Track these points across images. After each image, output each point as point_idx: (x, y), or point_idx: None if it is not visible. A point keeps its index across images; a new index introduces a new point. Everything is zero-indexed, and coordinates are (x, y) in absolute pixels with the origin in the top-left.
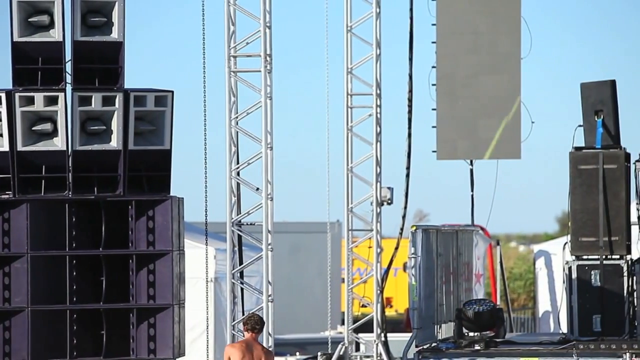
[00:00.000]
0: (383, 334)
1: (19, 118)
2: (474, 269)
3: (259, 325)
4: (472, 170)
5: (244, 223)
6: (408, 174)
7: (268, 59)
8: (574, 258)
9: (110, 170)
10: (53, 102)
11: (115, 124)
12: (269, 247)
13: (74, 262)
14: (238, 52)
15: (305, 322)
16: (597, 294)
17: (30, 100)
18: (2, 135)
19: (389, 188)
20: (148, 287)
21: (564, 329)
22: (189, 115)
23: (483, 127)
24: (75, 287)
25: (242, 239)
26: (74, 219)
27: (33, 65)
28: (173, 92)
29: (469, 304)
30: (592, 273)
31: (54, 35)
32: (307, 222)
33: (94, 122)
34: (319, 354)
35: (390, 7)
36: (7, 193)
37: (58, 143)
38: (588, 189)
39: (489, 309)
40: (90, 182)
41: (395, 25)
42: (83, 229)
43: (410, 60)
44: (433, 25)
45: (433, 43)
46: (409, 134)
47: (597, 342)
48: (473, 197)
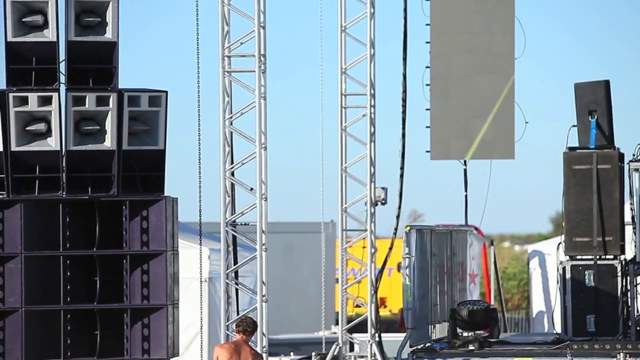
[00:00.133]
0: (377, 334)
1: (13, 118)
2: (469, 269)
3: (251, 328)
4: (465, 170)
5: (238, 223)
6: (402, 174)
7: (262, 59)
8: (568, 258)
9: (104, 171)
10: (47, 102)
11: (109, 124)
12: (263, 247)
13: (68, 262)
14: (232, 52)
15: (299, 322)
16: (591, 294)
17: (24, 101)
18: None
19: (383, 188)
20: (142, 287)
21: (558, 329)
22: (183, 116)
23: (477, 127)
24: (69, 287)
25: (236, 239)
26: (68, 219)
27: (27, 65)
28: (167, 92)
29: (463, 304)
30: (586, 273)
31: (48, 35)
32: (301, 222)
33: (88, 122)
34: (313, 354)
35: (385, 7)
36: (1, 193)
37: (52, 143)
38: (582, 189)
39: (483, 309)
40: (84, 182)
41: (390, 25)
42: (77, 229)
43: (404, 60)
44: (427, 25)
45: (427, 43)
46: (403, 134)
47: (591, 342)
48: (467, 197)
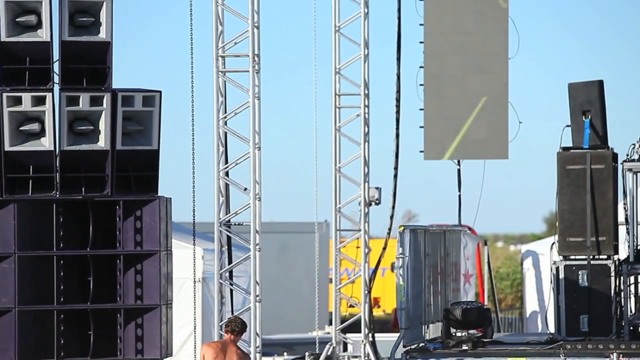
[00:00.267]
0: (371, 334)
1: (7, 118)
2: (463, 269)
3: (239, 328)
4: (459, 170)
5: (232, 223)
6: (396, 174)
7: (256, 59)
8: (562, 258)
9: (98, 171)
10: (41, 102)
11: (103, 124)
12: (257, 247)
13: (62, 262)
14: (226, 52)
15: (293, 322)
16: (584, 294)
17: (18, 100)
18: None
19: (377, 188)
20: (135, 287)
21: (552, 329)
22: (177, 116)
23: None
24: (63, 287)
25: (230, 239)
26: (62, 219)
27: (21, 65)
28: (161, 92)
29: (457, 304)
30: (579, 273)
31: (42, 35)
32: (295, 222)
33: (82, 122)
34: (307, 354)
35: (378, 7)
36: None
37: (45, 143)
38: (575, 189)
39: (477, 309)
40: (78, 182)
41: (383, 26)
42: (70, 229)
43: (398, 61)
44: (421, 26)
45: (421, 43)
46: (397, 134)
47: (584, 342)
48: (460, 197)
